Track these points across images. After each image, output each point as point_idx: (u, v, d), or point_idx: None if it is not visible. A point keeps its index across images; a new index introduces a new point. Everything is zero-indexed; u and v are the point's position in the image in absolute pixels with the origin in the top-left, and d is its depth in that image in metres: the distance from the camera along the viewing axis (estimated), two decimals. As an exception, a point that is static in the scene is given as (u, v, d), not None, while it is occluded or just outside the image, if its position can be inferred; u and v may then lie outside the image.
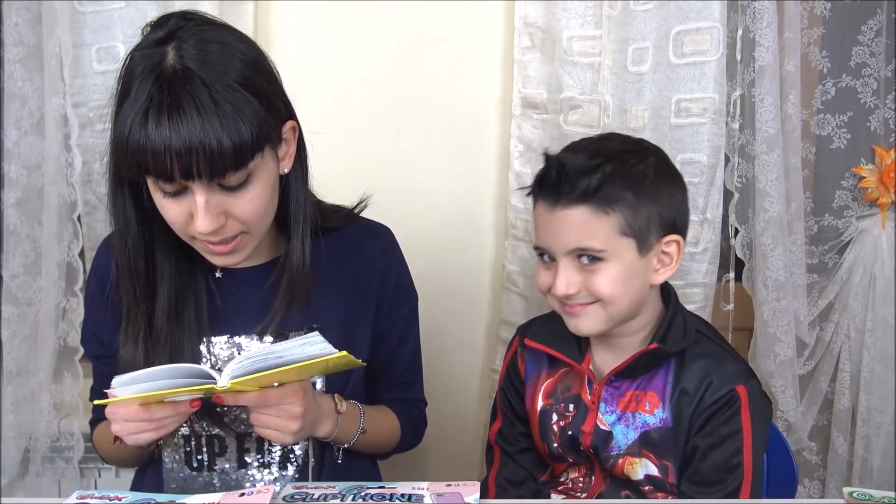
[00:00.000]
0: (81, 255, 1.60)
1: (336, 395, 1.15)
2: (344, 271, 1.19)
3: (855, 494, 0.99)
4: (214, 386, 0.95)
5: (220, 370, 0.97)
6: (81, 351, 1.63)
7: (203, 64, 0.95)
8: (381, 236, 1.25)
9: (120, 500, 1.02)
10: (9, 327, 1.60)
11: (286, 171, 1.08)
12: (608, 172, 1.08)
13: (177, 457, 1.18)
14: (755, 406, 1.11)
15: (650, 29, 1.54)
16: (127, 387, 0.95)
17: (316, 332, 0.97)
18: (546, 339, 1.23)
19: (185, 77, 0.94)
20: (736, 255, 1.63)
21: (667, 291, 1.19)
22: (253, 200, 1.01)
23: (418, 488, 1.02)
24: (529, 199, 1.60)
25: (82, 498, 1.01)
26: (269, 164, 1.03)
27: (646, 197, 1.09)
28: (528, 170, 1.62)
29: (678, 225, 1.13)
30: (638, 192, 1.08)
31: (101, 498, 1.02)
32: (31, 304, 1.61)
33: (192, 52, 0.96)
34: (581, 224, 1.08)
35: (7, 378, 1.62)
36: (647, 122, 1.56)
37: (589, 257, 1.09)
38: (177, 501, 1.01)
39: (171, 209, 1.01)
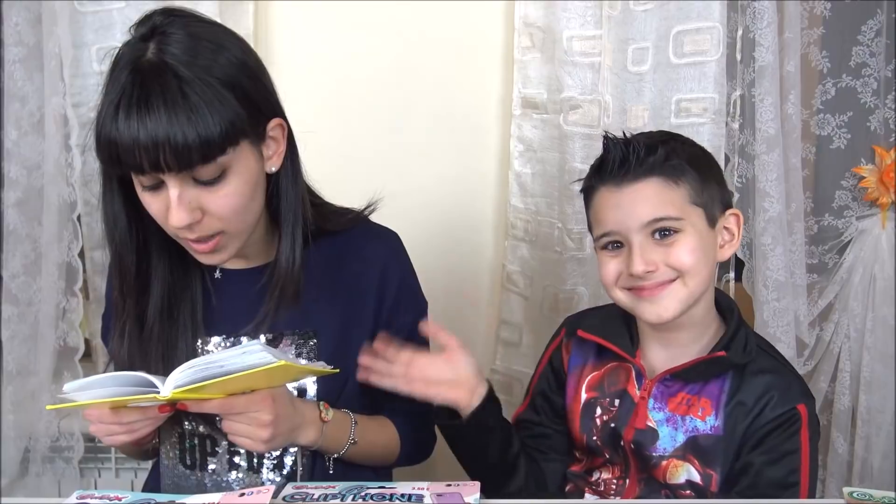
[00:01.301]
0: (81, 255, 1.60)
1: (322, 403, 1.12)
2: (342, 275, 1.17)
3: (855, 494, 0.99)
4: (157, 395, 0.93)
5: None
6: (81, 351, 1.63)
7: (179, 57, 0.95)
8: (383, 240, 1.22)
9: (120, 500, 1.01)
10: (9, 327, 1.60)
11: (274, 169, 1.07)
12: (672, 147, 1.11)
13: (172, 454, 1.18)
14: (814, 427, 1.11)
15: (650, 29, 1.54)
16: (81, 392, 0.95)
17: (255, 341, 0.95)
18: (599, 330, 1.21)
19: (158, 70, 0.94)
20: (736, 255, 1.62)
21: (726, 304, 1.19)
22: (229, 196, 1.00)
23: (418, 488, 1.02)
24: (529, 199, 1.63)
25: (82, 498, 1.01)
26: (247, 161, 1.01)
27: (706, 171, 1.12)
28: (528, 170, 1.62)
29: (731, 205, 1.17)
30: (699, 166, 1.11)
31: (101, 498, 1.02)
32: (31, 304, 1.61)
33: (171, 47, 0.95)
34: (655, 195, 1.09)
35: (7, 378, 1.62)
36: (647, 122, 1.56)
37: (662, 232, 1.09)
38: (176, 501, 1.01)
39: (151, 203, 1.01)
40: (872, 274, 1.64)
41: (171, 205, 0.98)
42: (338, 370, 1.08)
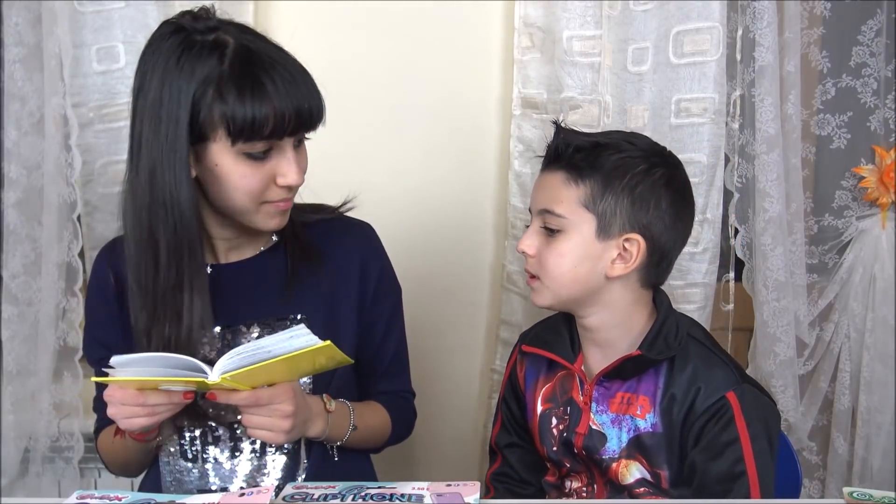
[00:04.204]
0: (81, 255, 1.60)
1: (325, 395, 1.16)
2: (326, 264, 1.21)
3: (855, 494, 0.99)
4: (206, 380, 0.96)
5: (211, 362, 0.98)
6: (81, 351, 1.63)
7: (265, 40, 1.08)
8: (360, 230, 1.27)
9: (120, 500, 1.02)
10: (9, 327, 1.60)
11: None
12: (595, 154, 1.12)
13: (171, 449, 1.19)
14: (750, 411, 1.09)
15: (650, 29, 1.54)
16: (125, 368, 0.98)
17: (301, 325, 0.98)
18: (541, 342, 1.24)
19: (272, 46, 1.07)
20: (736, 255, 1.63)
21: (659, 297, 1.19)
22: (306, 157, 1.12)
23: (418, 488, 1.02)
24: (529, 199, 1.62)
25: (82, 498, 1.01)
26: None
27: (621, 186, 1.10)
28: (528, 170, 1.62)
29: (654, 233, 1.12)
30: (613, 178, 1.10)
31: (101, 498, 1.02)
32: (31, 304, 1.61)
33: (248, 35, 1.07)
34: (552, 188, 1.13)
35: (7, 378, 1.62)
36: (647, 122, 1.56)
37: (551, 230, 1.13)
38: (177, 502, 1.01)
39: (254, 175, 1.06)
40: (872, 274, 1.64)
41: (292, 166, 1.07)
42: (352, 361, 1.10)
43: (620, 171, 1.10)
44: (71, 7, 1.55)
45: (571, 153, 1.11)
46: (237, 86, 1.01)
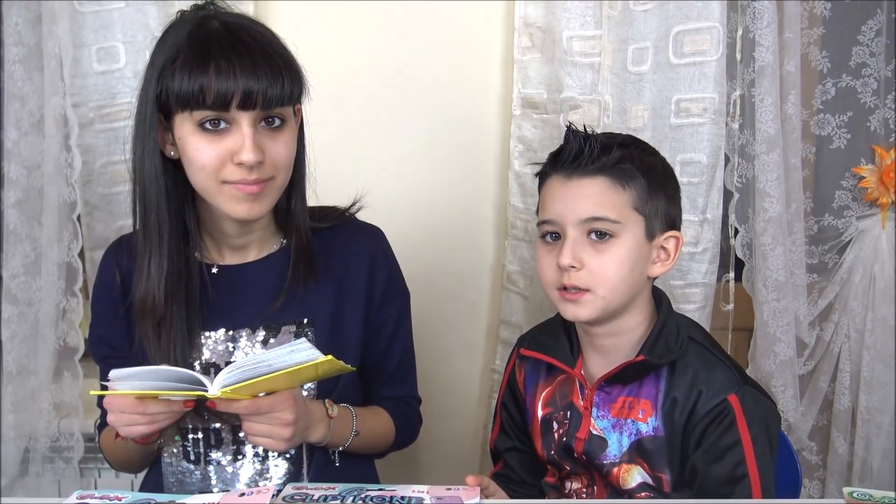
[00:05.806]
0: (81, 255, 1.60)
1: (327, 400, 1.16)
2: (331, 267, 1.21)
3: (855, 494, 0.99)
4: (205, 393, 0.97)
5: (214, 365, 0.97)
6: (81, 351, 1.63)
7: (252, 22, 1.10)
8: (370, 235, 1.27)
9: (120, 500, 1.02)
10: (9, 327, 1.60)
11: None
12: (629, 152, 1.12)
13: (174, 450, 1.19)
14: (751, 414, 1.09)
15: (650, 29, 1.54)
16: (123, 381, 0.98)
17: (303, 339, 0.98)
18: (540, 346, 1.23)
19: (247, 20, 1.10)
20: (736, 255, 1.63)
21: (659, 298, 1.19)
22: (286, 143, 1.10)
23: (418, 491, 1.02)
24: (529, 199, 1.63)
25: (82, 498, 1.01)
26: (293, 125, 1.12)
27: (656, 185, 1.12)
28: (528, 170, 1.62)
29: (676, 225, 1.16)
30: (650, 178, 1.12)
31: (101, 498, 1.02)
32: (31, 304, 1.61)
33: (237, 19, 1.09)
34: (599, 194, 1.10)
35: (7, 378, 1.62)
36: (647, 122, 1.56)
37: (598, 234, 1.10)
38: (177, 501, 1.01)
39: (208, 149, 1.05)
40: (872, 274, 1.64)
41: (245, 142, 1.05)
42: (354, 368, 1.11)
43: (650, 168, 1.12)
44: (71, 7, 1.55)
45: (611, 155, 1.10)
46: (187, 54, 1.03)
